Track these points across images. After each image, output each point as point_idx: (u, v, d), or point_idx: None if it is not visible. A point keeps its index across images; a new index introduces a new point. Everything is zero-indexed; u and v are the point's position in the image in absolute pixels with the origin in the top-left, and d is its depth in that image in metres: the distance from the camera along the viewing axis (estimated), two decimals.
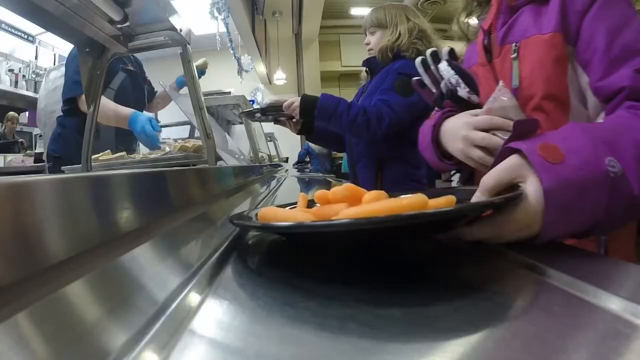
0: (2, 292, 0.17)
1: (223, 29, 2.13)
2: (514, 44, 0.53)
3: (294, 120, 1.18)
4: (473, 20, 0.66)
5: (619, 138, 0.33)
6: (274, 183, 1.33)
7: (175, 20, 0.78)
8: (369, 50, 1.18)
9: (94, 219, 0.26)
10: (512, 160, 0.32)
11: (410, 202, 0.26)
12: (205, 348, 0.16)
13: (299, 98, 1.05)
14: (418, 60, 0.62)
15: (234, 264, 0.29)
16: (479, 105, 0.57)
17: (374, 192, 0.29)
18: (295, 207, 0.37)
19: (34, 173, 2.18)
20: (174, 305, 0.19)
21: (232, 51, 2.43)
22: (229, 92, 3.31)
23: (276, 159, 3.01)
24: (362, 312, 0.20)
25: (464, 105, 0.58)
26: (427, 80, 0.62)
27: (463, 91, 0.57)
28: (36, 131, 3.08)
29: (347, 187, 0.30)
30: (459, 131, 0.52)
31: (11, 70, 2.92)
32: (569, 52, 0.50)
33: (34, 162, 2.66)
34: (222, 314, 0.20)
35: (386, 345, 0.16)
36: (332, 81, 6.29)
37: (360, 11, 5.80)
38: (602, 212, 0.30)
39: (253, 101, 3.32)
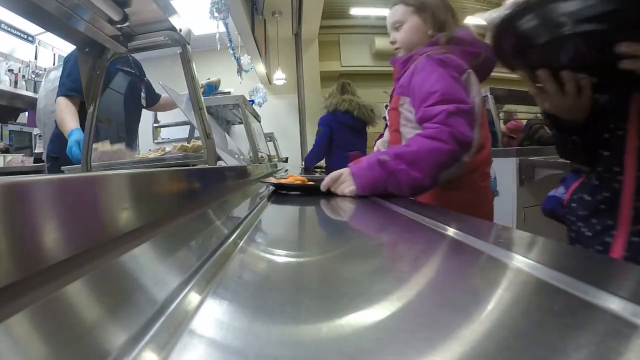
0: (2, 292, 0.17)
1: (223, 29, 2.12)
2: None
3: None
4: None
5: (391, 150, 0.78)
6: None
7: (175, 20, 0.78)
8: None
9: (93, 219, 0.26)
10: (345, 169, 0.76)
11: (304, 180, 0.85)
12: (205, 348, 0.16)
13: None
14: None
15: (234, 263, 0.29)
16: None
17: (298, 177, 0.88)
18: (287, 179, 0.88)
19: (34, 173, 2.17)
20: (174, 305, 0.19)
21: (231, 51, 2.42)
22: (229, 92, 3.31)
23: (276, 159, 3.00)
24: (362, 312, 0.20)
25: None
26: None
27: None
28: (36, 131, 3.05)
29: (294, 177, 0.89)
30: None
31: (11, 71, 2.90)
32: (406, 101, 0.88)
33: (34, 162, 2.64)
34: (222, 314, 0.20)
35: (386, 345, 0.16)
36: (332, 81, 6.24)
37: (360, 11, 5.79)
38: (384, 178, 0.72)
39: (252, 101, 3.32)
